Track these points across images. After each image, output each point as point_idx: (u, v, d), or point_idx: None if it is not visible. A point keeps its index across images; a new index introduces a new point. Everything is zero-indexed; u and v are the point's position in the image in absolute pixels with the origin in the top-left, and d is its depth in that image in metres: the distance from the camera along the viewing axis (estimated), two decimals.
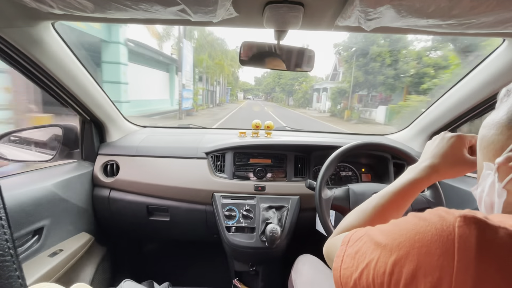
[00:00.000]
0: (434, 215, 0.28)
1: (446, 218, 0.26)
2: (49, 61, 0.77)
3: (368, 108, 15.19)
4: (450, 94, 0.99)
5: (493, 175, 0.33)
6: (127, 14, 0.56)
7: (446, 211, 0.28)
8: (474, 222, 0.25)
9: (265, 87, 54.90)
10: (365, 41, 13.84)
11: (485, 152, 0.35)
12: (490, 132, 0.33)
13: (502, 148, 0.31)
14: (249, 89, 69.86)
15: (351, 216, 0.50)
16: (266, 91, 56.74)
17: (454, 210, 0.27)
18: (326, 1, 0.55)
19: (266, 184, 1.07)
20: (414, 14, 0.51)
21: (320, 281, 0.76)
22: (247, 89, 68.57)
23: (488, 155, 0.34)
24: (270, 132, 1.26)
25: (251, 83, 66.22)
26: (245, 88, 63.87)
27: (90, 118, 1.06)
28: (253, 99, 63.08)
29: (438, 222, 0.27)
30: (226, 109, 19.87)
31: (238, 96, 48.89)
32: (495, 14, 0.49)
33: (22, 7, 0.55)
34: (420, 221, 0.28)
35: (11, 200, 0.74)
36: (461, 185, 0.99)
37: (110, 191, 1.09)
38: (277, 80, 39.85)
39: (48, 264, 0.81)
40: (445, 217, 0.27)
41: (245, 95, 64.26)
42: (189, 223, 1.13)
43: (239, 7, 0.57)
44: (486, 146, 0.34)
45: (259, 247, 0.99)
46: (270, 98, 53.00)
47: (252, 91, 71.26)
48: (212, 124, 9.73)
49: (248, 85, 67.32)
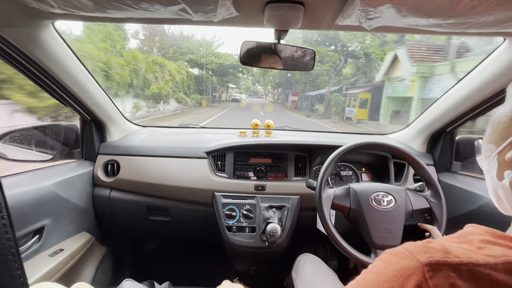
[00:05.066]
0: (394, 264, 0.29)
1: (411, 267, 0.28)
2: (49, 60, 0.77)
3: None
4: (450, 94, 0.99)
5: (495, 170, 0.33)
6: (128, 13, 0.56)
7: (402, 257, 0.30)
8: (439, 268, 0.27)
9: (273, 80, 27.45)
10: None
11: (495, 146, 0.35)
12: (500, 127, 0.34)
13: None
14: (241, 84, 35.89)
15: None
16: (276, 84, 29.11)
17: (408, 254, 0.29)
18: (326, 1, 0.55)
19: (267, 183, 1.07)
20: (414, 13, 0.51)
21: (320, 280, 0.76)
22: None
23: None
24: (270, 131, 1.26)
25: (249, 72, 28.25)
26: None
27: (91, 117, 1.06)
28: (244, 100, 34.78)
29: (405, 273, 0.28)
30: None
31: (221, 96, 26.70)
32: (496, 14, 0.49)
33: (22, 7, 0.55)
34: (379, 278, 0.30)
35: (11, 200, 0.74)
36: (462, 185, 0.99)
37: (110, 191, 1.09)
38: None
39: (49, 263, 0.81)
40: (410, 266, 0.28)
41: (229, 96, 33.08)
42: (190, 222, 1.13)
43: (240, 7, 0.57)
44: (496, 141, 0.34)
45: (259, 246, 0.99)
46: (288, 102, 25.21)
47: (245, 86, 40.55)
48: None
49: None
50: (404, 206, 0.76)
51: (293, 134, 1.39)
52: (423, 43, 10.04)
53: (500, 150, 0.32)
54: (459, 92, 0.95)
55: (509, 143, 0.31)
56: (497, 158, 0.33)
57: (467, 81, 0.91)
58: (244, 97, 44.24)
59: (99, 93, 0.99)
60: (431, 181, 0.79)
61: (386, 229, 0.74)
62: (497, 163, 0.33)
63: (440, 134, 1.13)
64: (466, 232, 0.34)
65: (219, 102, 25.69)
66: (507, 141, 0.31)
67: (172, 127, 1.51)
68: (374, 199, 0.77)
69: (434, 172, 1.11)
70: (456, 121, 1.03)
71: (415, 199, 0.79)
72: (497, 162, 0.33)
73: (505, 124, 0.32)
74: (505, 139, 0.32)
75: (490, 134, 0.35)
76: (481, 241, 0.30)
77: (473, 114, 0.97)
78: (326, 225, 0.75)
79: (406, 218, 0.76)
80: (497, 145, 0.33)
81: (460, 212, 0.95)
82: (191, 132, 1.38)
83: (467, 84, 0.91)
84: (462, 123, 1.04)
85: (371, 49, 14.45)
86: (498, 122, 0.34)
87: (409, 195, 0.79)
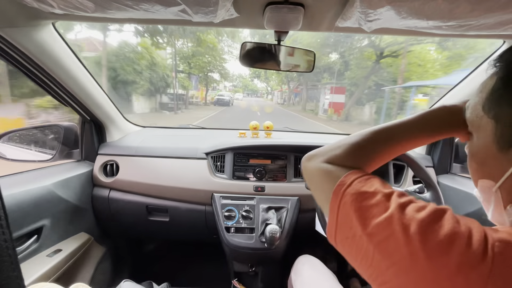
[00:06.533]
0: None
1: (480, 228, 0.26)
2: (49, 60, 0.77)
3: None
4: (450, 96, 0.99)
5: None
6: (128, 14, 0.56)
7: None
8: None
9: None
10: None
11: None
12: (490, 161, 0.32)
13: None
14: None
15: (354, 136, 0.42)
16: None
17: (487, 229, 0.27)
18: (326, 2, 0.55)
19: (266, 184, 1.07)
20: (414, 15, 0.51)
21: (320, 282, 0.76)
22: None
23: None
24: (270, 132, 1.26)
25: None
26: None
27: (90, 118, 1.06)
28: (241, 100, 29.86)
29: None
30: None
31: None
32: (495, 16, 0.49)
33: (22, 7, 0.55)
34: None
35: (10, 200, 0.74)
36: (461, 186, 0.99)
37: (109, 191, 1.09)
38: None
39: (47, 264, 0.80)
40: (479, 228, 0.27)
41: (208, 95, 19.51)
42: (189, 223, 1.12)
43: (240, 8, 0.57)
44: (487, 174, 0.33)
45: (258, 247, 0.98)
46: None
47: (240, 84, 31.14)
48: None
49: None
50: None
51: (292, 135, 1.39)
52: None
53: (500, 184, 0.31)
54: (459, 94, 0.95)
55: (510, 174, 0.30)
56: (499, 192, 0.32)
57: (466, 83, 0.91)
58: (240, 97, 33.58)
59: (98, 93, 0.99)
60: (431, 183, 0.79)
61: None
62: (500, 196, 0.32)
63: None
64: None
65: (185, 106, 14.33)
66: (505, 175, 0.30)
67: (171, 127, 1.51)
68: None
69: (433, 174, 1.11)
70: None
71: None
72: (500, 195, 0.32)
73: (494, 156, 0.31)
74: (503, 171, 0.30)
75: (475, 169, 0.35)
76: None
77: None
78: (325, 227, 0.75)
79: None
80: (495, 180, 0.32)
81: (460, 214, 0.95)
82: (190, 133, 1.38)
83: (467, 86, 0.92)
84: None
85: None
86: (485, 157, 0.33)
87: None
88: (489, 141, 0.31)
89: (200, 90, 19.16)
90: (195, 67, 14.56)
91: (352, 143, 0.41)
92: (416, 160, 0.81)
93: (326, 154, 0.42)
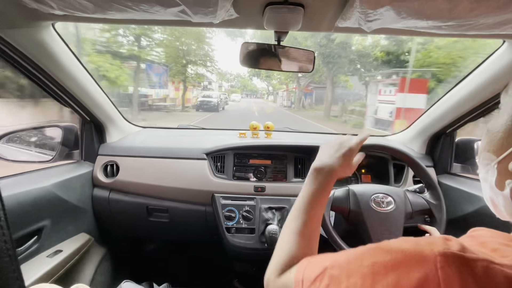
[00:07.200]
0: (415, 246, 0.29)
1: (424, 254, 0.27)
2: (49, 61, 0.77)
3: None
4: (450, 96, 0.99)
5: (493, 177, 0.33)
6: (128, 15, 0.56)
7: (416, 243, 0.29)
8: (454, 261, 0.26)
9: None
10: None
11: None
12: (498, 136, 0.33)
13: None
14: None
15: (287, 242, 0.48)
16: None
17: (424, 243, 0.28)
18: (326, 2, 0.55)
19: (266, 185, 1.07)
20: (414, 15, 0.51)
21: None
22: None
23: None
24: (270, 133, 1.26)
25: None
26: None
27: (90, 118, 1.06)
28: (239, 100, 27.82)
29: (414, 259, 0.27)
30: None
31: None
32: (495, 16, 0.49)
33: (22, 8, 0.55)
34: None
35: (10, 201, 0.74)
36: (461, 186, 0.99)
37: (109, 192, 1.09)
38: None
39: (47, 264, 0.80)
40: (423, 254, 0.27)
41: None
42: (189, 224, 1.12)
43: (239, 8, 0.58)
44: (495, 151, 0.34)
45: (259, 248, 0.98)
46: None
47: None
48: None
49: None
50: (403, 207, 0.76)
51: (292, 135, 1.39)
52: None
53: (500, 160, 0.32)
54: (459, 94, 0.95)
55: (510, 152, 0.31)
56: (497, 167, 0.33)
57: (466, 82, 0.91)
58: (237, 98, 28.63)
59: (98, 94, 0.99)
60: (431, 182, 0.79)
61: (386, 231, 0.73)
62: (497, 172, 0.33)
63: (440, 136, 1.13)
64: (476, 235, 0.34)
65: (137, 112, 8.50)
66: (508, 151, 0.31)
67: (171, 128, 1.51)
68: (373, 200, 0.77)
69: (433, 174, 1.11)
70: (455, 122, 1.03)
71: (415, 201, 0.78)
72: (496, 171, 0.33)
73: (504, 134, 0.32)
74: (505, 149, 0.32)
75: (487, 142, 0.35)
76: (494, 243, 0.30)
77: (473, 116, 0.97)
78: (326, 227, 0.75)
79: (406, 220, 0.76)
80: (496, 154, 0.33)
81: (460, 213, 0.95)
82: (190, 133, 1.38)
83: (466, 86, 0.91)
84: (462, 125, 1.03)
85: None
86: (497, 131, 0.33)
87: (409, 196, 0.79)
88: (507, 118, 0.32)
89: (180, 90, 13.88)
90: (164, 55, 10.00)
91: (287, 251, 0.47)
92: (416, 159, 0.81)
93: (275, 269, 0.46)
